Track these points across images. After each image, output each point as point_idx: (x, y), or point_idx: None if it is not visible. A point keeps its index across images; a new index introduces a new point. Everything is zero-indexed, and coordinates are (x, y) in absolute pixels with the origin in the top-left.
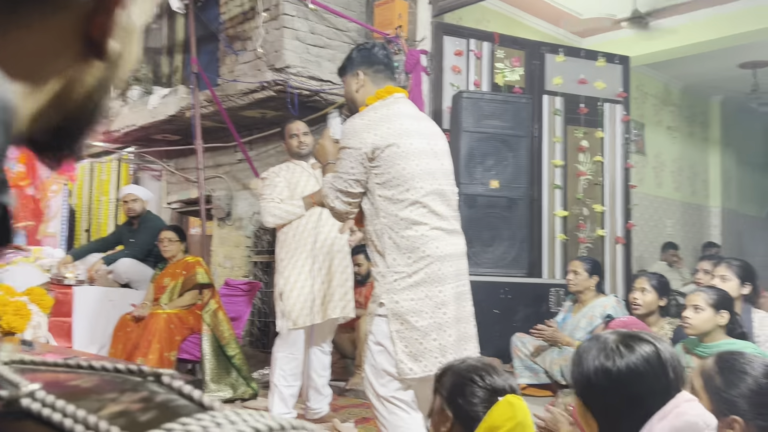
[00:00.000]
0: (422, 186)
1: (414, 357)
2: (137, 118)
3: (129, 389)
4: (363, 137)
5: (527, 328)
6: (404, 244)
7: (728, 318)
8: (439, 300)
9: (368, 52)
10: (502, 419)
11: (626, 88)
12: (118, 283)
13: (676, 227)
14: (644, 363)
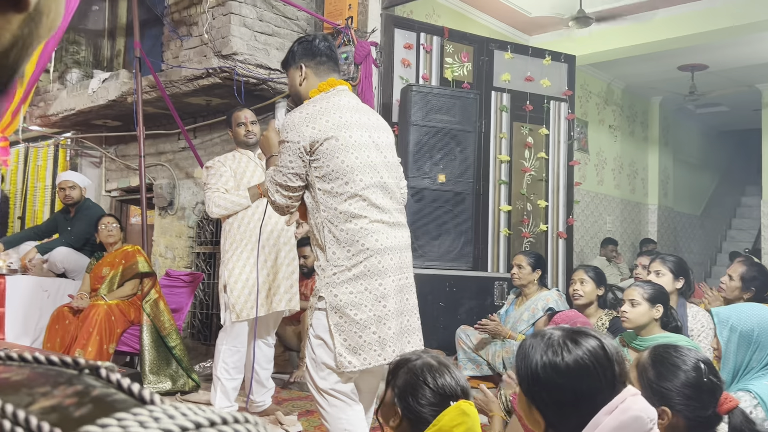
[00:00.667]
0: (362, 179)
1: (353, 350)
2: (76, 102)
3: (63, 383)
4: (301, 131)
5: (472, 320)
6: (343, 238)
7: (663, 312)
8: (379, 293)
9: (310, 44)
10: (451, 425)
11: (571, 87)
12: (54, 272)
13: (616, 223)
14: (591, 358)
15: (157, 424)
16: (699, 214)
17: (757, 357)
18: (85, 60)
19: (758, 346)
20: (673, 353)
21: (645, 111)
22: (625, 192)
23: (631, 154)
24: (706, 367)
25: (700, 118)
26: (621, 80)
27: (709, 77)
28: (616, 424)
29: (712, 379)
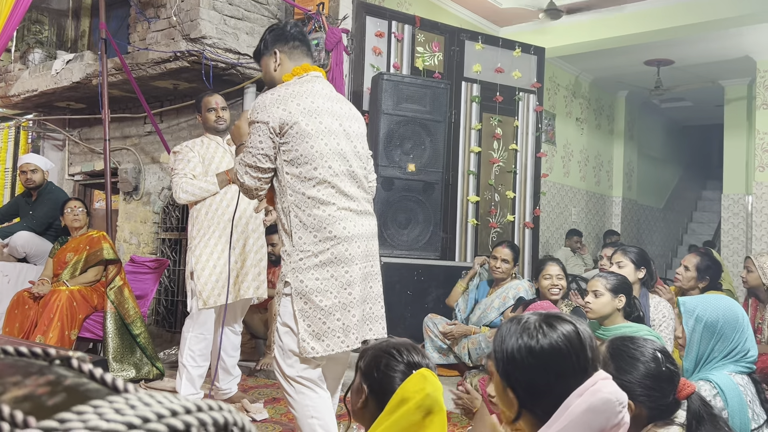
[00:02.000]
0: (331, 165)
1: (317, 336)
2: (38, 83)
3: (34, 373)
4: (271, 112)
5: (439, 309)
6: (311, 223)
7: (626, 302)
8: (345, 280)
9: (282, 30)
10: (413, 390)
11: (540, 79)
12: (14, 257)
13: (581, 215)
14: (565, 341)
15: (134, 411)
16: (661, 207)
17: (719, 347)
18: (48, 40)
19: (721, 336)
20: (630, 345)
21: (611, 104)
22: (591, 184)
23: (596, 147)
24: (663, 356)
25: (664, 112)
26: (588, 73)
27: (674, 72)
28: (586, 406)
29: (670, 367)
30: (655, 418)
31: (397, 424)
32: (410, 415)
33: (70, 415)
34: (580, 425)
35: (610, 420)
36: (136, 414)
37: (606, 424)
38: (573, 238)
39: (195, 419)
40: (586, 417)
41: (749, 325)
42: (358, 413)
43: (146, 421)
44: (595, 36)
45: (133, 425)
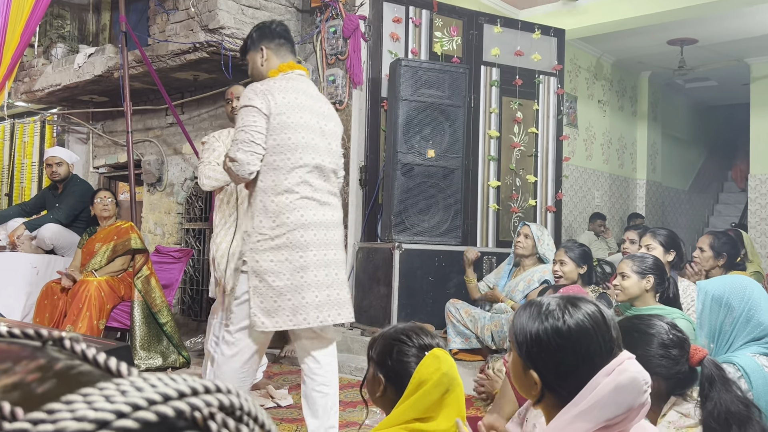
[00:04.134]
0: (302, 157)
1: (267, 312)
2: (62, 77)
3: (26, 357)
4: (263, 98)
5: (460, 295)
6: (272, 209)
7: (654, 283)
8: (299, 264)
9: (268, 28)
10: (428, 371)
11: (561, 61)
12: (42, 249)
13: (604, 198)
14: (590, 321)
15: (124, 398)
16: (687, 188)
17: (728, 320)
18: (70, 34)
19: (728, 309)
20: (636, 322)
21: (634, 86)
22: (614, 167)
23: (619, 129)
24: (668, 326)
25: (688, 92)
26: (610, 55)
27: (698, 51)
28: (613, 385)
29: (677, 333)
30: (674, 389)
31: (416, 405)
32: (429, 395)
33: (59, 405)
34: (608, 404)
35: (637, 399)
36: (126, 401)
37: (633, 403)
38: (596, 221)
39: (187, 404)
40: (614, 396)
41: (764, 298)
42: (377, 401)
43: (136, 408)
44: (616, 16)
45: (122, 413)
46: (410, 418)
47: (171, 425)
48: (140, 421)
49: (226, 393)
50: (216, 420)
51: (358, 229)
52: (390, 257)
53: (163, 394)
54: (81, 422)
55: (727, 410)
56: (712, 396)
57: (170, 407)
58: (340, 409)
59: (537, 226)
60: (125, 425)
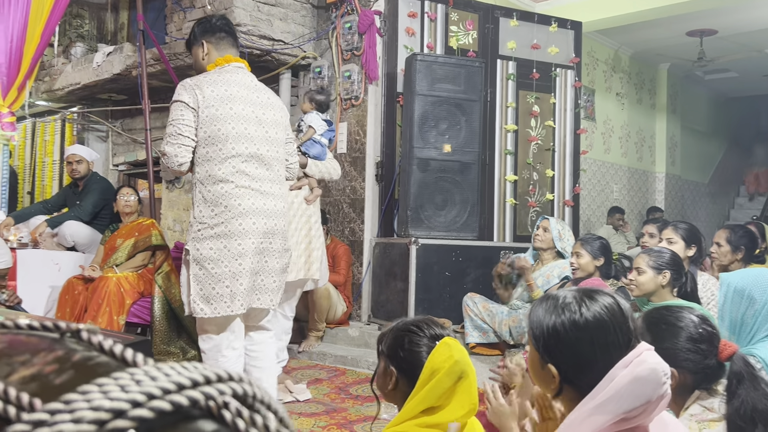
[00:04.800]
0: (235, 147)
1: (206, 299)
2: (81, 76)
3: (44, 349)
4: (191, 92)
5: (478, 289)
6: (210, 198)
7: (670, 278)
8: (237, 252)
9: (209, 23)
10: (441, 360)
11: (578, 54)
12: (64, 246)
13: (623, 192)
14: (607, 313)
15: (139, 387)
16: (707, 181)
17: (750, 312)
18: (89, 33)
19: (750, 301)
20: (665, 313)
21: (653, 78)
22: (632, 160)
23: (638, 122)
24: (699, 319)
25: (708, 84)
26: (628, 47)
27: (718, 43)
28: (632, 377)
29: (707, 328)
30: (700, 383)
31: (430, 394)
32: (442, 384)
33: (75, 395)
34: (626, 396)
35: (656, 390)
36: (141, 390)
37: (652, 395)
38: (615, 215)
39: (201, 393)
40: (632, 387)
41: None
42: (389, 395)
43: (151, 397)
44: (634, 8)
45: (137, 402)
46: (422, 409)
47: (185, 414)
48: (155, 410)
49: (239, 381)
50: (230, 409)
51: (375, 225)
52: (407, 252)
53: (176, 383)
54: (97, 412)
55: (754, 408)
56: (739, 393)
57: (184, 396)
58: (358, 403)
59: (557, 221)
60: (141, 414)
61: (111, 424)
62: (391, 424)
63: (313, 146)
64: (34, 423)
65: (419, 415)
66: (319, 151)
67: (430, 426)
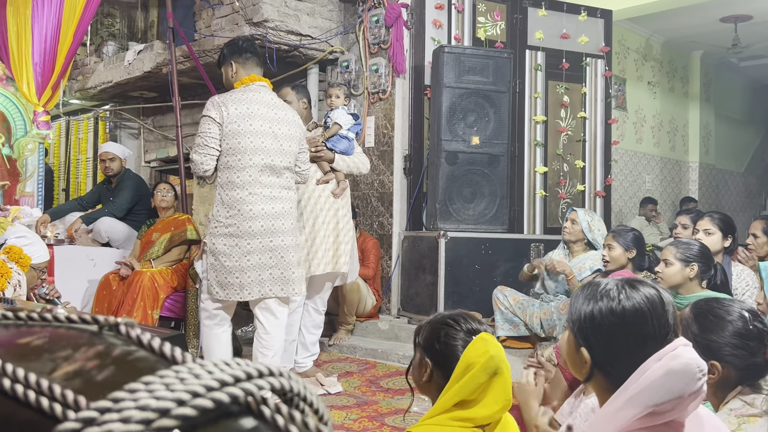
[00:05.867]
0: (251, 158)
1: (221, 285)
2: (113, 74)
3: (84, 343)
4: (218, 109)
5: (508, 282)
6: (227, 201)
7: (698, 271)
8: (245, 250)
9: (237, 45)
10: (476, 354)
11: (608, 43)
12: (98, 242)
13: (655, 182)
14: (648, 304)
15: (183, 386)
16: (742, 170)
17: None
18: (120, 32)
19: None
20: (715, 305)
21: (685, 66)
22: (665, 150)
23: (670, 111)
24: (750, 315)
25: (743, 71)
26: (660, 35)
27: (753, 28)
28: (665, 370)
29: (758, 325)
30: (744, 379)
31: (464, 388)
32: (477, 379)
33: (123, 393)
34: (658, 389)
35: (689, 386)
36: (186, 389)
37: (685, 390)
38: (647, 206)
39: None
40: (665, 381)
41: None
42: (423, 387)
43: (195, 396)
44: None
45: (182, 401)
46: (455, 402)
47: (226, 411)
48: (198, 408)
49: (278, 376)
50: (269, 405)
51: (403, 218)
52: (435, 245)
53: (219, 380)
54: (144, 411)
55: None
56: None
57: (225, 393)
58: (389, 396)
59: (586, 212)
60: (184, 413)
61: (157, 422)
62: (425, 417)
63: (339, 142)
64: (84, 421)
65: (453, 409)
66: (346, 147)
67: (464, 420)
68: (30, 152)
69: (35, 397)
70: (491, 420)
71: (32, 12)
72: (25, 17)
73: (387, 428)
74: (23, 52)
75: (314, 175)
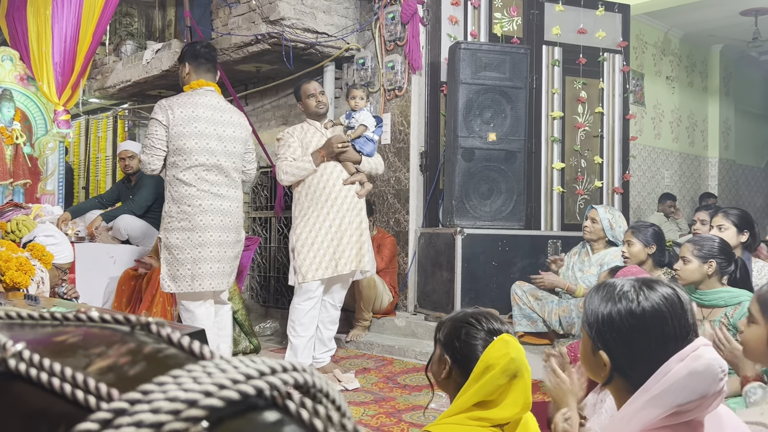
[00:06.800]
0: (197, 158)
1: (173, 278)
2: (131, 73)
3: (117, 341)
4: (164, 112)
5: (525, 279)
6: (177, 197)
7: (716, 267)
8: (197, 242)
9: (194, 49)
10: (497, 356)
11: (626, 38)
12: (118, 239)
13: (674, 178)
14: (667, 304)
15: (210, 379)
16: (763, 166)
17: None
18: (138, 31)
19: None
20: None
21: (704, 60)
22: (684, 145)
23: (689, 106)
24: None
25: (763, 65)
26: (679, 29)
27: None
28: (687, 371)
29: None
30: None
31: (483, 389)
32: (496, 380)
33: (152, 386)
34: (680, 390)
35: (712, 386)
36: (213, 382)
37: (707, 390)
38: (666, 202)
39: (267, 384)
40: (687, 382)
41: None
42: (442, 383)
43: (221, 387)
44: None
45: (209, 393)
46: (474, 402)
47: (252, 404)
48: (225, 399)
49: (302, 372)
50: (293, 399)
51: (420, 215)
52: (452, 242)
53: (244, 374)
54: (173, 402)
55: None
56: None
57: (251, 386)
58: (406, 392)
59: (606, 209)
60: (211, 404)
61: (185, 413)
62: (444, 416)
63: (366, 144)
64: (115, 411)
65: (472, 409)
66: (372, 149)
67: (483, 420)
68: (51, 151)
69: (71, 389)
70: (511, 420)
71: (52, 12)
72: (45, 18)
73: (404, 424)
74: (44, 53)
75: (340, 176)
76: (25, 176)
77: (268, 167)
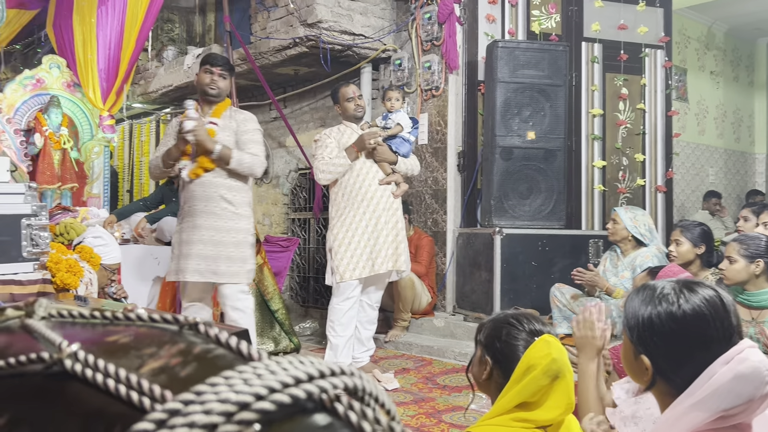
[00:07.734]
0: None
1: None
2: (173, 78)
3: (167, 342)
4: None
5: (566, 279)
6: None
7: (764, 267)
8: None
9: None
10: (538, 357)
11: (668, 33)
12: (162, 241)
13: (719, 175)
14: (709, 306)
15: (261, 381)
16: None
17: None
18: (179, 37)
19: None
20: None
21: (750, 54)
22: (729, 141)
23: (735, 101)
24: None
25: None
26: (723, 22)
27: None
28: (733, 374)
29: None
30: None
31: (525, 390)
32: (538, 381)
33: (204, 387)
34: (726, 394)
35: (759, 390)
36: (263, 384)
37: (754, 394)
38: (711, 200)
39: (317, 387)
40: (733, 385)
41: None
42: (483, 384)
43: (272, 391)
44: None
45: (260, 396)
46: (516, 403)
47: (302, 407)
48: (276, 403)
49: (350, 375)
50: (342, 402)
51: (457, 215)
52: (491, 242)
53: (294, 377)
54: (225, 404)
55: None
56: None
57: (301, 390)
58: (446, 393)
59: (625, 209)
60: (263, 407)
61: (237, 415)
62: (485, 417)
63: (402, 145)
64: (170, 412)
65: (513, 410)
66: (408, 150)
67: (525, 421)
68: (96, 155)
69: (126, 391)
70: (553, 422)
71: (97, 20)
72: (90, 25)
73: (444, 425)
74: (89, 60)
75: (376, 176)
76: (72, 180)
77: (306, 169)
